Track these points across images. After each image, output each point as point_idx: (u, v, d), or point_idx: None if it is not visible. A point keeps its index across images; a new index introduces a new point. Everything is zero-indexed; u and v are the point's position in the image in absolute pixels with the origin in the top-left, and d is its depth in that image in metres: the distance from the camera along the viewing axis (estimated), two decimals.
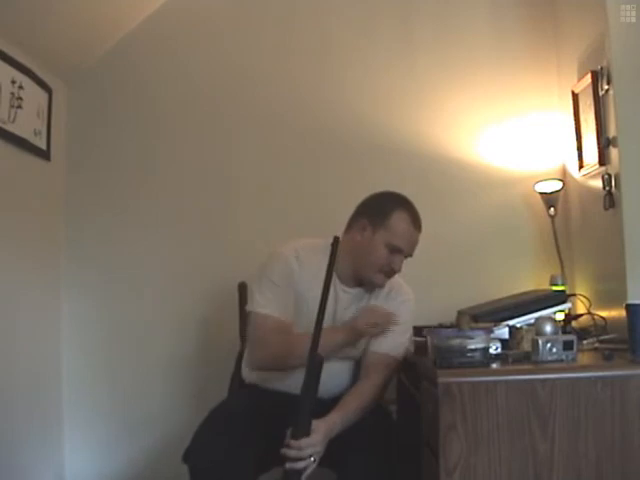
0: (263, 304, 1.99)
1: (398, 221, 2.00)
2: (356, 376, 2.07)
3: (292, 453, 1.67)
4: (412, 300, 2.14)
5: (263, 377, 2.06)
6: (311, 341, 1.68)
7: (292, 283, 2.01)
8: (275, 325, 1.97)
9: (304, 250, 2.06)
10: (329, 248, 1.92)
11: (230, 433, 1.83)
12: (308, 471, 1.70)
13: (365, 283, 2.06)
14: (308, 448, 1.68)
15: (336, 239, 1.78)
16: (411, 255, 2.05)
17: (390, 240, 1.99)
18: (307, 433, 1.69)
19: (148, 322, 2.78)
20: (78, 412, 2.76)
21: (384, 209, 2.02)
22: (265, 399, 1.98)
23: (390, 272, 2.03)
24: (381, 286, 2.06)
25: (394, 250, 1.99)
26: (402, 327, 2.07)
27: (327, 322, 1.94)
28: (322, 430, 1.73)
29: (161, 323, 2.77)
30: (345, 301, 2.05)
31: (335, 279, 2.04)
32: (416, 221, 2.03)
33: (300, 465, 1.67)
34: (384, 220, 2.00)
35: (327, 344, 1.82)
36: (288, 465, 1.67)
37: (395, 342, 2.04)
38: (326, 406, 1.85)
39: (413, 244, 2.03)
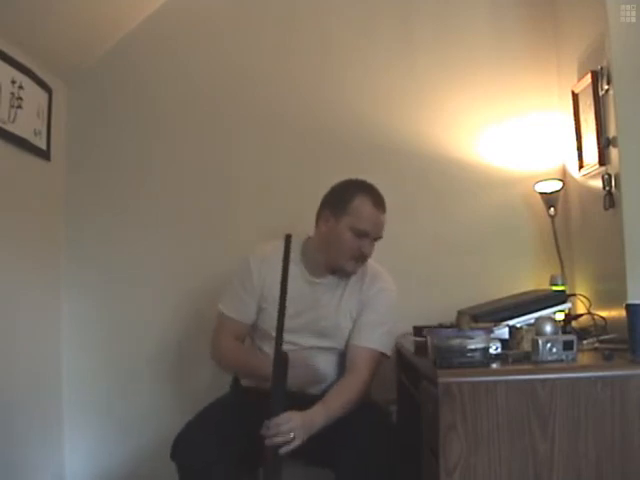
0: (225, 304, 2.17)
1: (360, 205, 2.03)
2: (342, 368, 2.08)
3: (270, 431, 1.71)
4: (391, 290, 2.15)
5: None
6: (275, 336, 1.73)
7: (252, 286, 2.11)
8: (233, 328, 2.15)
9: (273, 252, 2.07)
10: (296, 247, 2.04)
11: (219, 433, 1.84)
12: (289, 447, 1.73)
13: (338, 272, 2.09)
14: (284, 424, 1.72)
15: (288, 236, 1.82)
16: (380, 237, 2.07)
17: (354, 224, 2.02)
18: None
19: (148, 322, 2.78)
20: (78, 412, 2.76)
21: (344, 196, 2.06)
22: (258, 400, 1.98)
23: (361, 257, 2.05)
24: (353, 273, 2.08)
25: (360, 234, 2.02)
26: (380, 318, 2.08)
27: (302, 316, 2.02)
28: (297, 416, 1.76)
29: (161, 323, 2.77)
30: (319, 289, 2.09)
31: (304, 272, 2.10)
32: (378, 203, 2.05)
33: (279, 439, 1.71)
34: (346, 206, 2.04)
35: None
36: (267, 441, 1.71)
37: (376, 334, 2.06)
38: (313, 402, 1.85)
39: (378, 226, 2.05)
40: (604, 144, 2.20)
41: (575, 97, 2.46)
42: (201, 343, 2.73)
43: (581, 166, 2.46)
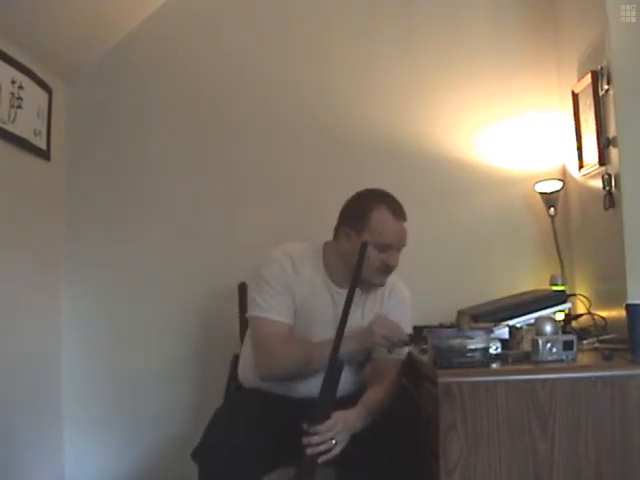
0: (265, 308, 1.96)
1: (379, 219, 1.97)
2: (360, 376, 2.08)
3: (316, 438, 1.68)
4: (408, 297, 2.15)
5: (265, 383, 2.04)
6: (332, 345, 1.70)
7: (289, 288, 2.00)
8: (281, 332, 1.95)
9: (296, 257, 2.04)
10: (318, 254, 2.02)
11: (241, 434, 1.81)
12: (328, 455, 1.70)
13: (365, 286, 2.04)
14: (329, 431, 1.70)
15: (364, 244, 1.78)
16: (404, 245, 2.03)
17: (376, 240, 1.95)
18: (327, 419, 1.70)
19: (148, 322, 2.77)
20: (78, 412, 2.76)
21: (362, 211, 1.99)
22: (268, 402, 1.97)
23: (388, 269, 2.01)
24: (381, 285, 2.06)
25: (384, 248, 1.97)
26: (404, 326, 2.06)
27: (329, 325, 1.95)
28: (339, 416, 1.73)
29: (161, 323, 2.77)
30: (340, 305, 1.99)
31: (329, 283, 2.05)
32: (397, 213, 2.00)
33: (322, 448, 1.69)
34: (365, 222, 1.97)
35: (341, 351, 1.84)
36: (309, 450, 1.68)
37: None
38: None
39: (401, 236, 2.01)
40: (604, 144, 2.20)
41: (575, 97, 2.46)
42: (201, 343, 2.74)
43: (581, 166, 2.46)
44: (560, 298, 2.19)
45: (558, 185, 2.61)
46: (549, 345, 1.71)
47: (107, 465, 2.74)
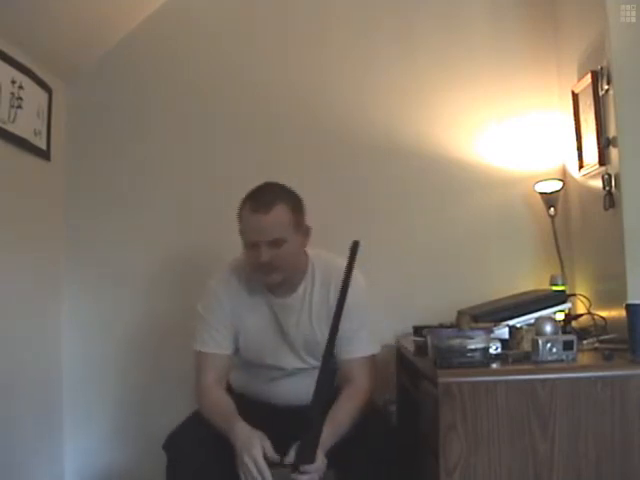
0: (199, 341, 2.01)
1: (242, 217, 1.94)
2: (335, 382, 2.05)
3: (304, 477, 1.69)
4: (359, 287, 1.93)
5: (245, 388, 2.09)
6: (321, 362, 1.68)
7: (224, 314, 2.01)
8: (216, 365, 1.99)
9: (232, 275, 2.04)
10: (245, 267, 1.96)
11: (212, 434, 1.84)
12: None
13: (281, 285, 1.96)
14: (316, 472, 1.71)
15: (355, 243, 1.65)
16: (276, 238, 1.88)
17: (243, 239, 1.94)
18: (312, 459, 1.69)
19: (148, 321, 2.78)
20: (78, 410, 2.76)
21: (239, 211, 1.97)
22: (251, 406, 1.98)
23: (263, 266, 1.90)
24: (271, 283, 1.95)
25: (250, 245, 1.92)
26: (359, 322, 1.96)
27: (276, 336, 1.97)
28: (321, 457, 1.72)
29: (161, 321, 2.77)
30: (286, 310, 2.01)
31: (266, 293, 2.01)
32: (257, 206, 1.89)
33: None
34: (239, 222, 1.96)
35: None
36: None
37: (360, 340, 1.97)
38: (298, 412, 1.80)
39: (257, 229, 1.89)
40: (604, 144, 2.20)
41: (575, 97, 2.46)
42: None
43: (581, 166, 2.46)
44: (560, 298, 2.19)
45: (558, 185, 2.61)
46: (549, 345, 1.71)
47: (108, 465, 2.74)
